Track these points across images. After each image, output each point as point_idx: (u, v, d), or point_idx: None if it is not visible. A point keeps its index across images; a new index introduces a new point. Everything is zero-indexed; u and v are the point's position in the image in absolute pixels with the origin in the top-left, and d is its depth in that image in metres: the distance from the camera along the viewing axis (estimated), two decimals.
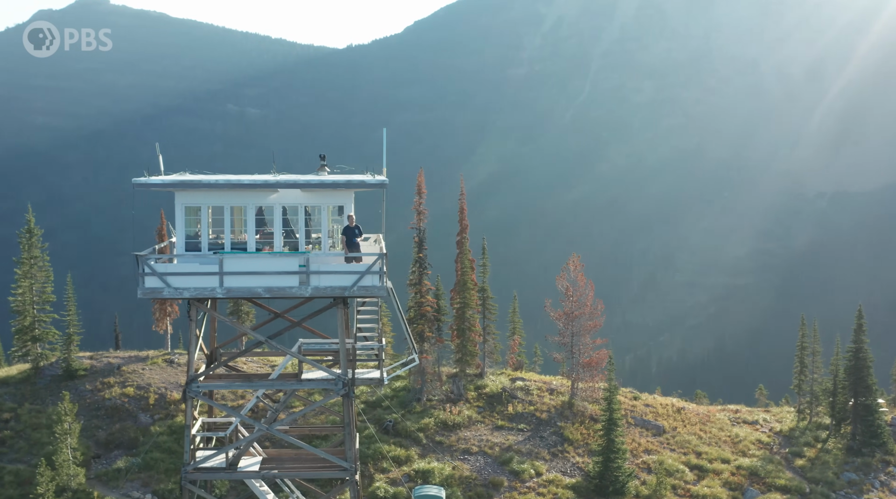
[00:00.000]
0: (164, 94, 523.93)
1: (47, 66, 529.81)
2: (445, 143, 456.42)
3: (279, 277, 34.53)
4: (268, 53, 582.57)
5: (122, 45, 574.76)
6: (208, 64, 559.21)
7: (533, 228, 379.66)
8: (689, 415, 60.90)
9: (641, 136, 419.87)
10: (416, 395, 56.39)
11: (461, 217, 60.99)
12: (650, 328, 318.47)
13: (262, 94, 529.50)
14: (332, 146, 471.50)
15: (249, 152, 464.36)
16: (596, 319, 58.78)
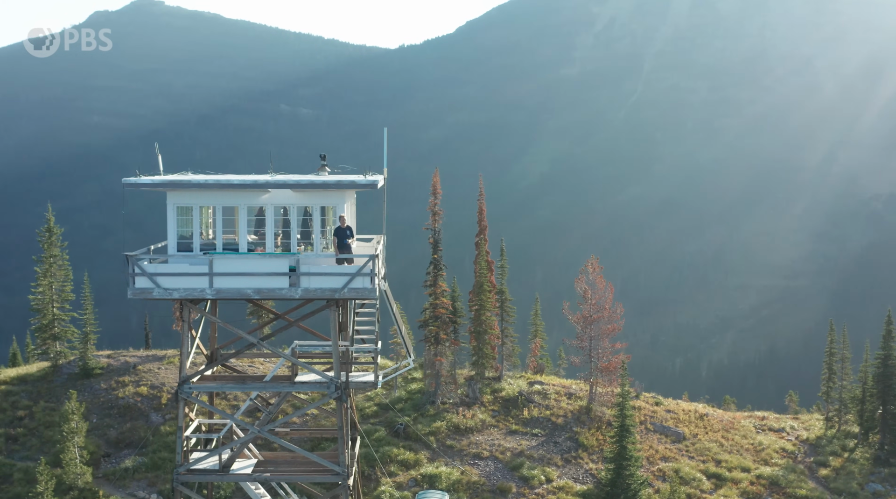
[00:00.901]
0: (218, 94, 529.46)
1: (106, 67, 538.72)
2: (498, 143, 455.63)
3: (269, 279, 34.32)
4: (321, 54, 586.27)
5: (177, 46, 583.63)
6: (262, 64, 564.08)
7: (585, 228, 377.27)
8: (712, 422, 59.54)
9: (695, 136, 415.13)
10: (431, 398, 55.80)
11: (480, 218, 60.36)
12: (701, 330, 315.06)
13: (315, 95, 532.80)
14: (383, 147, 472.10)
15: (302, 152, 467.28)
16: (615, 322, 57.62)
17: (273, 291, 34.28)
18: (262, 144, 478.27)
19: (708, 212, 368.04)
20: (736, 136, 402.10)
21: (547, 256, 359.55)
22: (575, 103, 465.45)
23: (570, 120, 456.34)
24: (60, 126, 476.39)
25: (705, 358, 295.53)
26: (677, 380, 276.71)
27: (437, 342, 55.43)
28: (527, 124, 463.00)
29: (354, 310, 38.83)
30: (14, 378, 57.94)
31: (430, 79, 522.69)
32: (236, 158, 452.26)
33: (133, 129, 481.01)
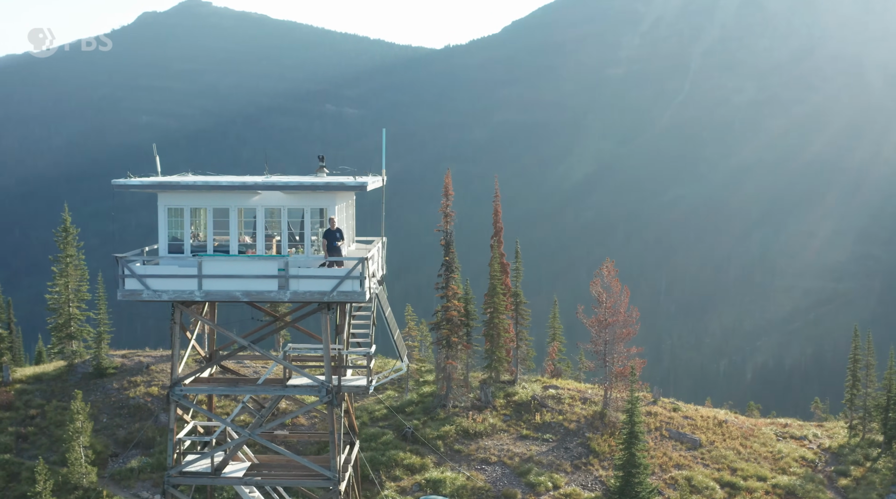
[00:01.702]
0: (264, 94, 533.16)
1: (153, 67, 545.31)
2: (542, 143, 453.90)
3: (258, 281, 34.03)
4: (366, 54, 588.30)
5: (224, 46, 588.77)
6: (308, 65, 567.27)
7: (629, 229, 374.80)
8: (731, 429, 58.30)
9: (742, 136, 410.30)
10: (442, 401, 55.23)
11: (495, 220, 59.67)
12: (746, 333, 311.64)
13: (361, 95, 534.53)
14: (428, 147, 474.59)
15: (347, 152, 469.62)
16: (630, 326, 56.63)
17: (262, 294, 33.99)
18: (307, 144, 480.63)
19: (754, 213, 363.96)
20: (782, 136, 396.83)
21: (590, 258, 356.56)
22: (620, 103, 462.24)
23: (615, 120, 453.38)
24: (108, 126, 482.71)
25: (750, 361, 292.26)
26: (721, 383, 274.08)
27: (449, 345, 54.83)
28: (571, 125, 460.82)
29: (351, 313, 38.43)
30: (30, 377, 58.34)
31: (475, 79, 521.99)
32: (282, 158, 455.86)
33: (179, 128, 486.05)
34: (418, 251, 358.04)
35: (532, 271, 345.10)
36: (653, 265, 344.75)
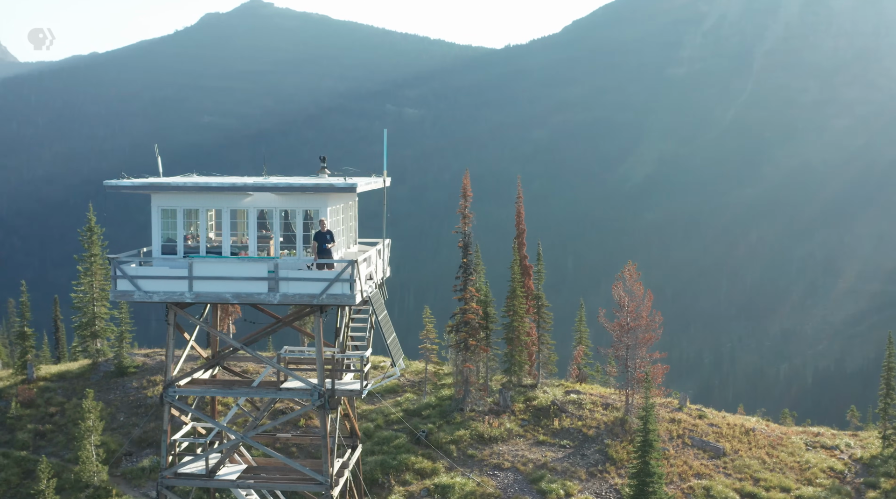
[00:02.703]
0: (325, 94, 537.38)
1: (216, 68, 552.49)
2: (603, 143, 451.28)
3: (248, 283, 33.81)
4: (426, 54, 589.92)
5: (285, 47, 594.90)
6: (368, 65, 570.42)
7: (691, 231, 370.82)
8: (759, 437, 56.74)
9: (806, 137, 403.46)
10: (459, 405, 54.57)
11: (518, 221, 58.86)
12: (808, 336, 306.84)
13: (421, 95, 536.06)
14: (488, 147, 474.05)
15: (407, 152, 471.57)
16: (653, 331, 55.40)
17: (252, 296, 33.76)
18: (367, 144, 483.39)
19: (818, 214, 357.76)
20: (847, 136, 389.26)
21: (649, 259, 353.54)
22: (682, 103, 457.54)
23: (677, 120, 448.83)
24: (171, 125, 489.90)
25: (811, 365, 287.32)
26: (781, 387, 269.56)
27: (467, 348, 54.16)
28: (632, 125, 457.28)
29: (350, 315, 38.03)
30: (54, 375, 58.97)
31: (536, 79, 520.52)
32: (342, 157, 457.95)
33: (241, 128, 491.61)
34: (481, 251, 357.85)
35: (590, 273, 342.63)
36: (713, 267, 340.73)
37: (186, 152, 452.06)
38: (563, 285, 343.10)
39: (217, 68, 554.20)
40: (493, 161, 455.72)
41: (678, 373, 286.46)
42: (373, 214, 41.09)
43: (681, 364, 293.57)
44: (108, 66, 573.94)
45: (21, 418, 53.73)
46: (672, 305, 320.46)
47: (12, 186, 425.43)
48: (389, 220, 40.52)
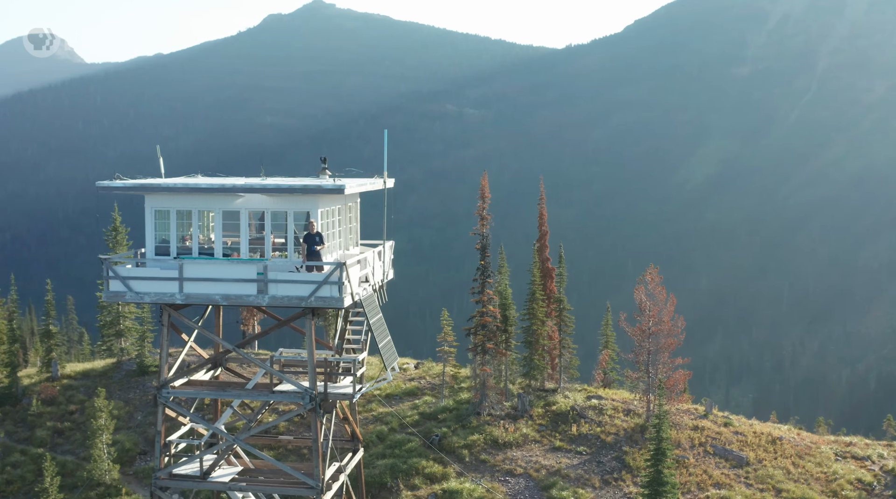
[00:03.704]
0: (386, 94, 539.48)
1: (278, 68, 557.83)
2: (664, 143, 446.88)
3: (237, 285, 33.65)
4: (487, 54, 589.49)
5: (347, 47, 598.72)
6: (429, 65, 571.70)
7: (752, 232, 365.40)
8: (786, 446, 55.15)
9: (872, 137, 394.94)
10: (476, 409, 53.90)
11: (540, 223, 57.90)
12: (872, 340, 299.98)
13: (481, 95, 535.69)
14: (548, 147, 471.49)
15: (467, 152, 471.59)
16: (675, 336, 54.17)
17: (241, 298, 33.59)
18: (428, 144, 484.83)
19: (882, 215, 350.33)
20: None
21: (711, 260, 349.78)
22: (745, 103, 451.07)
23: (740, 120, 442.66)
24: (234, 126, 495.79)
25: (875, 370, 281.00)
26: (843, 392, 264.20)
27: (484, 352, 53.50)
28: (694, 125, 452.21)
29: (349, 318, 37.71)
30: (78, 373, 59.54)
31: (597, 78, 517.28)
32: (402, 157, 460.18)
33: (303, 128, 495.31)
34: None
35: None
36: (775, 268, 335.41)
37: (248, 153, 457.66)
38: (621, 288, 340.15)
39: (279, 69, 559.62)
40: (553, 162, 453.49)
41: (737, 376, 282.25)
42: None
43: (740, 368, 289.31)
44: (172, 67, 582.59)
45: (41, 415, 54.33)
46: (732, 308, 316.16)
47: (78, 185, 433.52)
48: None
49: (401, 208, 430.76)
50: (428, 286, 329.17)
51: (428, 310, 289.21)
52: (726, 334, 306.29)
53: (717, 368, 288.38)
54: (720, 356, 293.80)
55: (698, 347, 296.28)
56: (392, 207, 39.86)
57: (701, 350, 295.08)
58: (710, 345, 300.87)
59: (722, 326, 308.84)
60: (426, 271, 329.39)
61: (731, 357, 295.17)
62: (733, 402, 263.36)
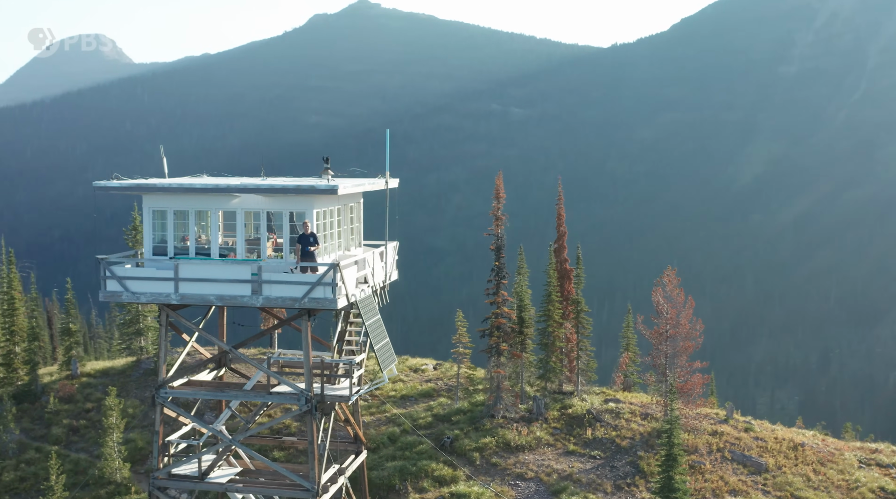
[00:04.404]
0: (431, 93, 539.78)
1: (323, 68, 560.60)
2: (710, 143, 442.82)
3: (232, 286, 33.63)
4: (532, 53, 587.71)
5: (392, 47, 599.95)
6: (474, 64, 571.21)
7: (799, 233, 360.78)
8: (808, 453, 53.93)
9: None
10: (490, 411, 53.38)
11: (558, 223, 57.26)
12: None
13: (526, 94, 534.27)
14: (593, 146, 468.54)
15: (512, 152, 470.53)
16: (693, 339, 53.23)
17: (235, 299, 33.57)
18: (472, 143, 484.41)
19: None
20: None
21: (756, 261, 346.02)
22: (792, 102, 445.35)
23: (787, 120, 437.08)
24: (279, 125, 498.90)
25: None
26: (891, 394, 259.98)
27: (499, 354, 52.96)
28: (741, 124, 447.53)
29: (349, 319, 37.47)
30: (98, 371, 59.93)
31: (643, 78, 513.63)
32: (447, 156, 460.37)
33: (347, 128, 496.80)
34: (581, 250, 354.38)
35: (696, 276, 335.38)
36: (823, 270, 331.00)
37: (293, 152, 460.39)
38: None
39: (324, 69, 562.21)
40: (598, 161, 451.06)
41: (782, 379, 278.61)
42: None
43: (787, 369, 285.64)
44: (218, 67, 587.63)
45: (58, 412, 54.76)
46: (778, 309, 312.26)
47: None
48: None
49: (444, 208, 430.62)
50: (471, 285, 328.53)
51: (471, 309, 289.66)
52: (772, 336, 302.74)
53: (762, 370, 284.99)
54: (765, 358, 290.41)
55: (743, 349, 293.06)
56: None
57: (746, 352, 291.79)
58: (756, 346, 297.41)
59: (768, 327, 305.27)
60: (469, 271, 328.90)
61: (776, 359, 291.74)
62: (778, 405, 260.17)
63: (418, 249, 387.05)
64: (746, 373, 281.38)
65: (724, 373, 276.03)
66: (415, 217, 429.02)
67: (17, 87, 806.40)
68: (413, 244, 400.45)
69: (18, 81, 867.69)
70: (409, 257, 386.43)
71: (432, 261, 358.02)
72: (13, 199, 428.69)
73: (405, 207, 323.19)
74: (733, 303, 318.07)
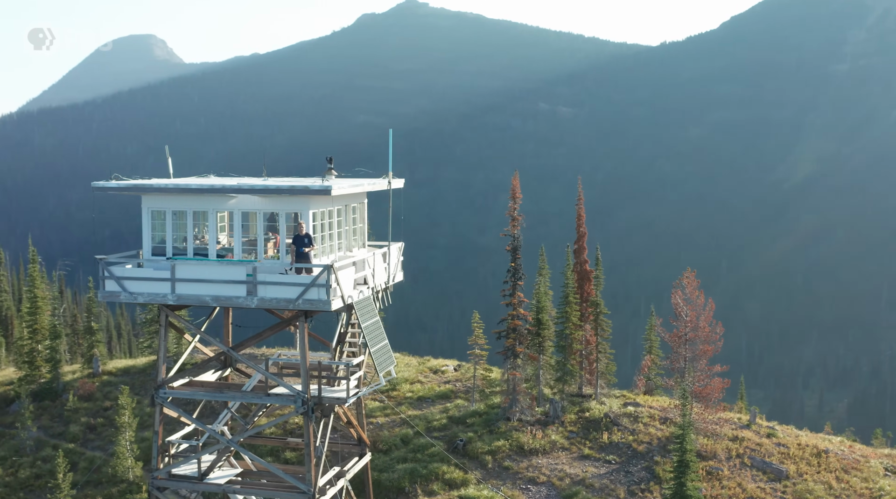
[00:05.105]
0: (478, 92, 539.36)
1: (371, 68, 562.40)
2: (760, 142, 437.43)
3: (227, 287, 33.51)
4: (581, 52, 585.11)
5: (440, 46, 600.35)
6: (522, 63, 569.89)
7: (850, 233, 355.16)
8: (831, 460, 52.70)
9: None
10: (505, 414, 52.85)
11: (578, 224, 56.41)
12: None
13: (574, 93, 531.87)
14: (642, 145, 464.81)
15: (559, 151, 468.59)
16: (713, 342, 52.23)
17: (231, 300, 33.47)
18: (520, 143, 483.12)
19: None
20: None
21: (807, 262, 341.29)
22: (844, 100, 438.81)
23: (839, 118, 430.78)
24: (327, 125, 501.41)
25: None
26: None
27: (515, 356, 52.42)
28: (792, 123, 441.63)
29: (350, 320, 37.18)
30: (119, 370, 60.36)
31: (692, 76, 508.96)
32: (495, 156, 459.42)
33: (395, 127, 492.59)
34: (629, 250, 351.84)
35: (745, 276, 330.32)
36: (874, 272, 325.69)
37: (341, 151, 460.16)
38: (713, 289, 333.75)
39: (372, 68, 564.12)
40: (647, 161, 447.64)
41: (832, 381, 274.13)
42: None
43: (837, 372, 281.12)
44: (267, 66, 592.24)
45: (77, 410, 55.20)
46: (828, 311, 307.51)
47: None
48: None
49: (491, 207, 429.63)
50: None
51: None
52: (822, 338, 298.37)
53: (812, 372, 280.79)
54: (815, 360, 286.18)
55: (792, 351, 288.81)
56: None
57: (795, 353, 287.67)
58: (805, 348, 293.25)
59: (817, 329, 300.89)
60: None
61: (826, 361, 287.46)
62: (827, 407, 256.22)
63: (466, 248, 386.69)
64: (795, 375, 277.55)
65: (771, 374, 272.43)
66: (462, 216, 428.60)
67: (70, 86, 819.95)
68: (461, 243, 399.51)
69: (71, 81, 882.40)
70: (457, 256, 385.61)
71: (480, 260, 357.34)
72: (66, 198, 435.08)
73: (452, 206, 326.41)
74: (783, 304, 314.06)
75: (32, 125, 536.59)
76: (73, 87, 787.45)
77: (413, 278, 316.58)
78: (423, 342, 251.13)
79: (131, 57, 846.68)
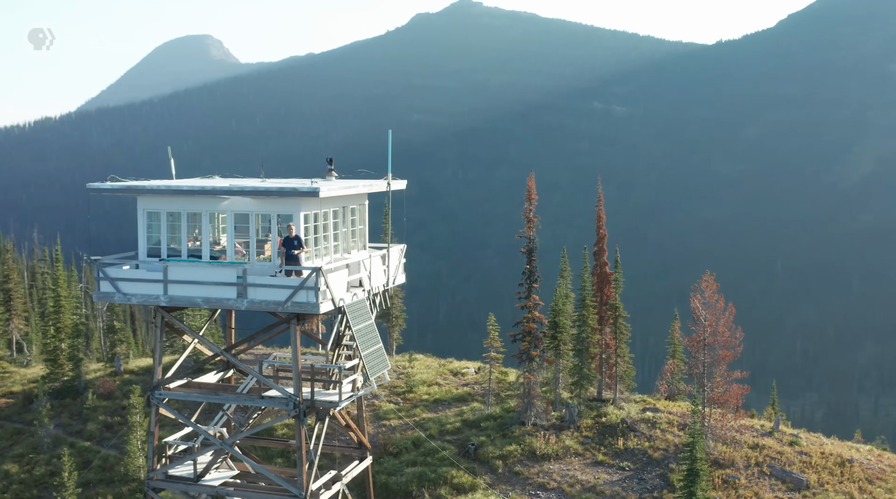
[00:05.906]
0: (533, 91, 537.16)
1: (426, 67, 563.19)
2: (818, 141, 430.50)
3: (218, 288, 33.42)
4: (635, 51, 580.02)
5: (494, 45, 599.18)
6: (576, 62, 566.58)
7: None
8: (855, 469, 51.27)
9: None
10: (520, 418, 52.22)
11: (598, 226, 55.60)
12: None
13: (629, 92, 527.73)
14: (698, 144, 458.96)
15: (614, 150, 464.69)
16: (732, 348, 51.08)
17: (221, 302, 33.35)
18: (574, 142, 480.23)
19: None
20: None
21: (864, 265, 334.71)
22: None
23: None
24: (381, 124, 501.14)
25: None
26: None
27: (530, 359, 51.78)
28: (850, 122, 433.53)
29: (346, 323, 36.90)
30: (141, 368, 60.79)
31: (748, 75, 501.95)
32: (549, 155, 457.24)
33: (449, 126, 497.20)
34: (683, 252, 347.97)
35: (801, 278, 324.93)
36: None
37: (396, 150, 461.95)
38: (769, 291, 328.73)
39: (426, 67, 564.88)
40: (703, 160, 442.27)
41: (888, 385, 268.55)
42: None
43: (892, 376, 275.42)
44: (322, 66, 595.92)
45: (96, 408, 55.66)
46: (885, 314, 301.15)
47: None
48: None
49: (544, 206, 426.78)
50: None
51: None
52: (878, 341, 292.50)
53: (867, 375, 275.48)
54: (871, 363, 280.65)
55: (848, 353, 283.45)
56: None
57: (851, 356, 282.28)
58: (861, 351, 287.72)
59: (873, 332, 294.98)
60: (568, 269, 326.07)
61: (882, 365, 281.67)
62: (882, 411, 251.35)
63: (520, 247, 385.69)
64: (850, 378, 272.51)
65: (826, 377, 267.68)
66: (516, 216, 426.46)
67: (127, 86, 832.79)
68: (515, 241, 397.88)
69: (128, 81, 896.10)
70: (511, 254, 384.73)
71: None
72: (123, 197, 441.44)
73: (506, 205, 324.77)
74: (839, 306, 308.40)
75: (90, 125, 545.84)
76: (131, 87, 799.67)
77: (465, 278, 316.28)
78: (474, 343, 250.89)
79: (188, 57, 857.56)
